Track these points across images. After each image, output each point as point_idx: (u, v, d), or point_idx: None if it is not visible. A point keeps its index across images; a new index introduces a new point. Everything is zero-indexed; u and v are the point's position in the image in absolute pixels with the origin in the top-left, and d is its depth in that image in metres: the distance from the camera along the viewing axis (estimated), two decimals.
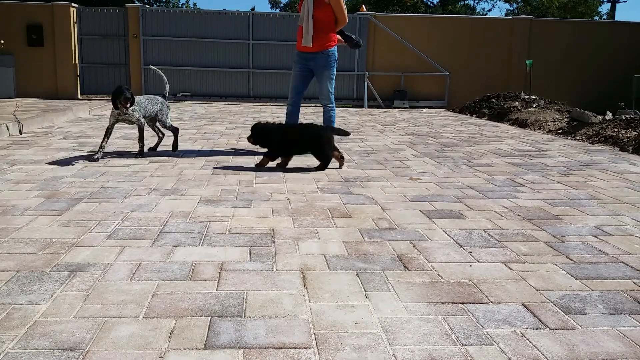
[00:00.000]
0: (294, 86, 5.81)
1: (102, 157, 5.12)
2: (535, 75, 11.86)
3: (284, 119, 5.89)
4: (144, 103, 5.34)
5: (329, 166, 5.01)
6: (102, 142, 5.25)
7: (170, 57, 13.44)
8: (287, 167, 5.01)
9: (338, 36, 5.74)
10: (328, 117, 5.76)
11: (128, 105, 5.05)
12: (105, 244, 2.77)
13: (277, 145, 4.99)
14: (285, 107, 5.98)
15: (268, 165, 5.01)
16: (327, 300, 2.19)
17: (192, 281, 2.33)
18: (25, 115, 7.77)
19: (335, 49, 5.66)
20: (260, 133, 5.08)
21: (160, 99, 5.60)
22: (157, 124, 5.74)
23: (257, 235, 2.99)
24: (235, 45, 13.56)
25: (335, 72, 5.70)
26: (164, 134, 5.86)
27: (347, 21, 5.69)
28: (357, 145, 6.59)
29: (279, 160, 5.08)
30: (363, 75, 13.60)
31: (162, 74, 6.14)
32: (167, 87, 5.99)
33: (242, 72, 13.68)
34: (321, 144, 4.93)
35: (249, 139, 5.16)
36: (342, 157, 5.12)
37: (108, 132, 5.30)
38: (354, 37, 5.99)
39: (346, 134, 5.41)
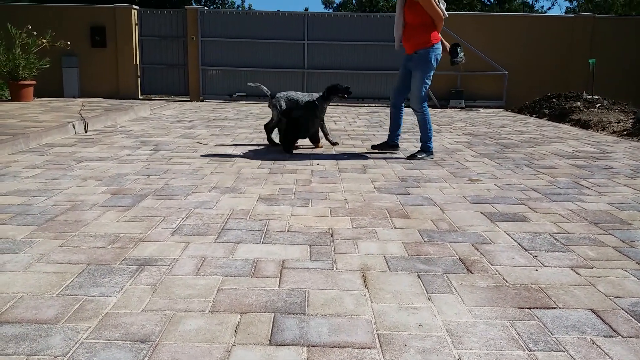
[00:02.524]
0: (394, 86, 5.79)
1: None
2: (599, 74, 11.45)
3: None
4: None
5: (383, 166, 5.02)
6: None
7: (226, 58, 13.68)
8: (342, 167, 5.03)
9: (446, 44, 5.55)
10: (419, 121, 5.64)
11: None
12: (170, 239, 2.85)
13: None
14: (340, 107, 6.02)
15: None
16: (389, 301, 2.17)
17: (254, 278, 2.37)
18: (90, 114, 8.07)
19: (430, 49, 5.36)
20: None
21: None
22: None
23: (316, 234, 3.01)
24: (290, 45, 13.68)
25: (429, 74, 5.44)
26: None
27: (441, 17, 5.29)
28: (413, 145, 6.52)
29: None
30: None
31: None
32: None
33: (297, 72, 13.78)
34: None
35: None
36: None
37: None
38: (457, 59, 5.59)
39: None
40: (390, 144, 5.91)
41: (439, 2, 5.28)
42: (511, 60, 13.43)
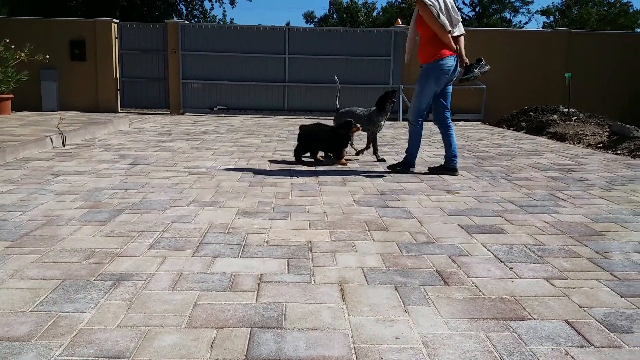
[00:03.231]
0: None
1: None
2: (574, 88, 11.66)
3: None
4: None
5: (363, 179, 5.05)
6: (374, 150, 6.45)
7: (207, 71, 13.68)
8: (322, 180, 5.04)
9: (465, 59, 5.35)
10: (409, 133, 5.58)
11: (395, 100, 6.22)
12: (147, 254, 2.83)
13: None
14: (322, 120, 6.05)
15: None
16: (366, 313, 2.18)
17: (232, 292, 2.36)
18: (68, 128, 8.00)
19: (432, 64, 5.25)
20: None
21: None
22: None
23: (295, 247, 3.01)
24: (271, 59, 13.73)
25: (431, 88, 5.34)
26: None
27: (442, 30, 5.12)
28: (393, 158, 6.57)
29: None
30: (397, 89, 13.57)
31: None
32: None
33: (278, 86, 13.82)
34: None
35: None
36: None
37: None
38: (466, 76, 5.39)
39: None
40: (445, 166, 5.56)
41: (439, 15, 5.08)
42: (489, 75, 13.56)
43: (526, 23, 53.02)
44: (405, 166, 5.64)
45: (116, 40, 13.47)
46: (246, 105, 13.83)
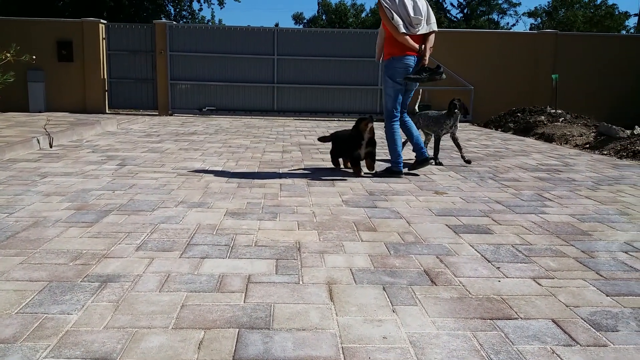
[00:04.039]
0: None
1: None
2: (562, 89, 11.76)
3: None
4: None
5: (350, 179, 5.06)
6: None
7: (196, 72, 13.65)
8: (311, 181, 5.04)
9: (424, 61, 5.20)
10: (385, 135, 5.45)
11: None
12: (134, 255, 2.81)
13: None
14: (311, 121, 6.01)
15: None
16: (354, 314, 2.18)
17: (219, 293, 2.35)
18: (55, 129, 7.95)
19: (388, 62, 5.26)
20: None
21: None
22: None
23: (283, 248, 3.01)
24: (260, 60, 13.72)
25: (391, 86, 5.29)
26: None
27: (395, 31, 5.06)
28: (381, 158, 6.58)
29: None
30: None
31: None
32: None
33: (267, 87, 13.81)
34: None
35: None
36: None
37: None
38: (417, 77, 5.22)
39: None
40: (419, 160, 5.48)
41: (393, 16, 5.00)
42: (477, 76, 13.69)
43: (514, 25, 53.39)
44: (388, 172, 5.38)
45: (104, 40, 13.40)
46: (235, 106, 13.81)
